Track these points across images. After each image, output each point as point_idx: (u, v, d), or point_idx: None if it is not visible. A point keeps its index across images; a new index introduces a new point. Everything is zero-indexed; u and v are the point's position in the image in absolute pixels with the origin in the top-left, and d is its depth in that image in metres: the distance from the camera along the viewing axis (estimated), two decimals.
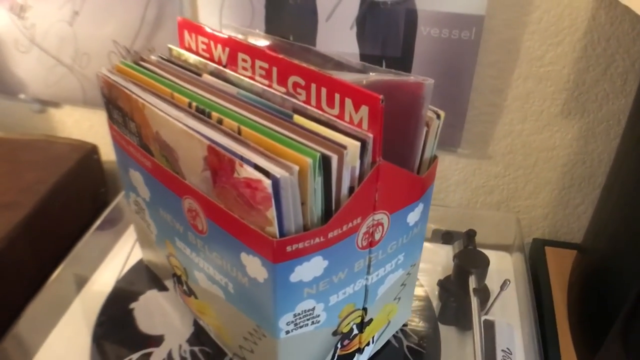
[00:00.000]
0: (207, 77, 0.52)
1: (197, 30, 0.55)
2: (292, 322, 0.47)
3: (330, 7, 0.76)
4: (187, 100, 0.48)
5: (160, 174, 0.52)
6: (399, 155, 0.49)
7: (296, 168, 0.40)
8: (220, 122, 0.46)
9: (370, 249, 0.49)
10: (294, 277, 0.44)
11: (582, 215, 0.85)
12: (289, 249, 0.42)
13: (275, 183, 0.39)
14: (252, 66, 0.51)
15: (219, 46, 0.53)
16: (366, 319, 0.54)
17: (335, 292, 0.48)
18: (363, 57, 0.78)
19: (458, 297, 0.68)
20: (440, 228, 0.81)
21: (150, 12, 0.80)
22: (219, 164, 0.43)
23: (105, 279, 0.72)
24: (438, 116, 0.49)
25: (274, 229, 0.41)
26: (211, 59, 0.55)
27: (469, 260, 0.69)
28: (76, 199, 0.83)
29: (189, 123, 0.46)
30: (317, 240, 0.43)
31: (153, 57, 0.57)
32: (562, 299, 0.77)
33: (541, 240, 0.85)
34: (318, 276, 0.46)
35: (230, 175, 0.42)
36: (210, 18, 0.80)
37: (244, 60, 0.51)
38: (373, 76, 0.48)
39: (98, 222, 0.77)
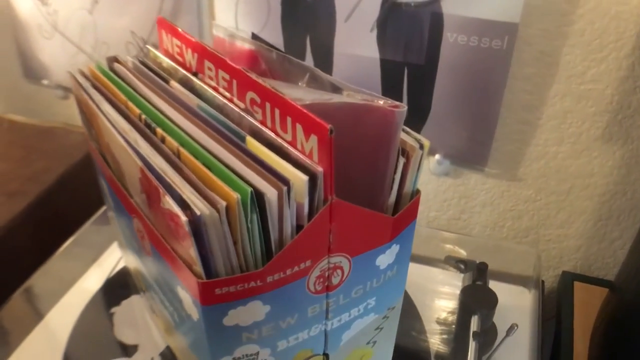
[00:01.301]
0: (174, 85, 0.48)
1: (172, 31, 0.51)
2: None
3: (349, 7, 0.71)
4: (138, 111, 0.45)
5: (114, 187, 0.49)
6: (368, 190, 0.43)
7: (223, 204, 0.36)
8: (163, 140, 0.42)
9: (328, 293, 0.44)
10: (228, 321, 0.40)
11: (618, 250, 0.76)
12: (217, 291, 0.38)
13: (195, 221, 0.35)
14: (216, 76, 0.46)
15: (189, 51, 0.49)
16: None
17: (284, 337, 0.44)
18: (383, 62, 0.72)
19: (459, 338, 0.62)
20: (455, 255, 0.74)
21: (167, 4, 0.77)
22: (149, 189, 0.39)
23: (95, 277, 0.71)
24: (421, 146, 0.43)
25: (199, 269, 0.37)
26: (183, 64, 0.51)
27: (475, 297, 0.62)
28: (83, 191, 0.82)
29: (132, 138, 0.42)
30: (252, 284, 0.39)
31: (130, 59, 0.53)
32: (584, 344, 0.69)
33: (571, 274, 0.77)
34: (259, 321, 0.41)
35: (158, 203, 0.38)
36: (226, 12, 0.76)
37: (209, 69, 0.47)
38: (342, 97, 0.42)
39: (96, 216, 0.76)
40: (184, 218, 0.35)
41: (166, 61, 0.51)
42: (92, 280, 0.71)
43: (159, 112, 0.45)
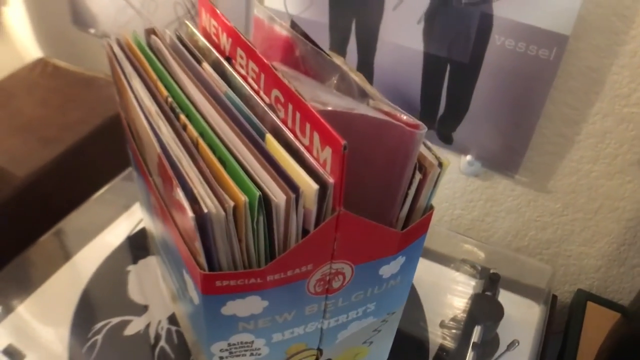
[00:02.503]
0: (206, 67, 0.48)
1: (211, 11, 0.51)
2: (227, 350, 0.45)
3: None
4: (166, 93, 0.45)
5: (137, 159, 0.50)
6: (379, 201, 0.43)
7: (231, 204, 0.36)
8: (184, 127, 0.42)
9: (327, 295, 0.44)
10: (226, 310, 0.41)
11: (637, 277, 0.75)
12: (218, 283, 0.39)
13: (202, 217, 0.36)
14: (247, 65, 0.46)
15: (225, 34, 0.49)
16: (322, 359, 0.50)
17: (279, 330, 0.45)
18: (427, 55, 0.71)
19: (460, 344, 0.62)
20: (470, 260, 0.74)
21: None
22: (164, 175, 0.40)
23: (116, 233, 0.73)
24: (440, 164, 0.43)
25: (202, 260, 0.38)
26: (217, 46, 0.51)
27: (482, 308, 0.62)
28: (116, 145, 0.84)
29: (155, 122, 0.43)
30: (252, 280, 0.40)
31: (167, 33, 0.54)
32: None
33: (586, 293, 0.76)
34: (257, 314, 0.42)
35: (171, 191, 0.39)
36: None
37: (241, 57, 0.47)
38: (366, 108, 0.42)
39: (127, 172, 0.78)
40: (191, 214, 0.35)
41: (202, 40, 0.51)
42: (114, 235, 0.73)
43: (186, 96, 0.45)
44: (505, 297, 0.68)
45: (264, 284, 0.40)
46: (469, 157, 0.75)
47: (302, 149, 0.39)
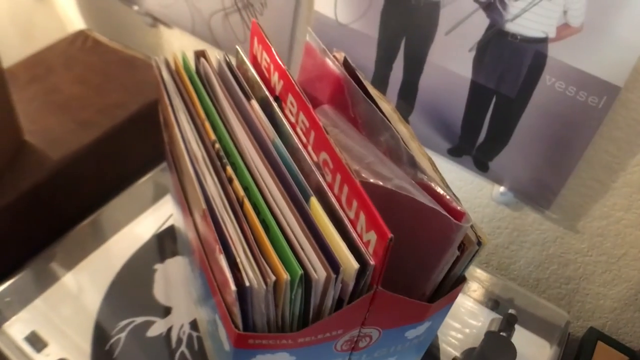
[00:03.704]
0: (254, 107, 0.48)
1: (264, 45, 0.50)
2: None
3: (454, 21, 0.67)
4: (213, 137, 0.45)
5: (177, 190, 0.50)
6: (414, 276, 0.44)
7: (272, 279, 0.37)
8: (230, 180, 0.42)
9: (352, 352, 0.45)
10: None
11: None
12: (251, 341, 0.40)
13: (243, 289, 0.37)
14: (297, 114, 0.46)
15: (277, 74, 0.49)
16: None
17: None
18: (474, 84, 0.70)
19: None
20: (491, 295, 0.74)
21: None
22: (208, 233, 0.40)
23: (144, 227, 0.74)
24: (479, 243, 0.43)
25: (239, 321, 0.39)
26: (267, 81, 0.50)
27: (495, 349, 0.63)
28: (152, 131, 0.84)
29: (201, 170, 0.43)
30: (284, 341, 0.41)
31: (217, 57, 0.53)
32: None
33: (597, 332, 0.77)
34: None
35: (213, 250, 0.40)
36: None
37: (292, 104, 0.46)
38: (411, 185, 0.42)
39: (160, 167, 0.78)
40: (233, 287, 0.36)
41: (252, 71, 0.51)
42: (142, 229, 0.74)
43: (233, 142, 0.45)
44: (519, 332, 0.69)
45: (294, 344, 0.41)
46: (502, 189, 0.75)
47: (346, 221, 0.40)
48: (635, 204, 0.68)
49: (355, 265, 0.37)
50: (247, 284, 0.36)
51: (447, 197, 0.40)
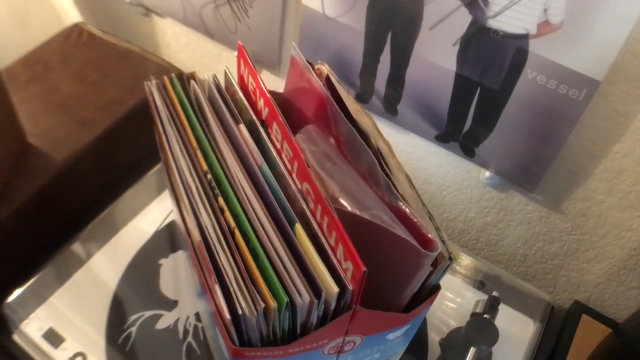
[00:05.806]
0: (242, 131, 0.51)
1: (249, 69, 0.53)
2: None
3: (437, 17, 0.69)
4: (205, 167, 0.48)
5: (177, 204, 0.53)
6: (389, 291, 0.47)
7: (262, 306, 0.41)
8: (222, 211, 0.46)
9: (339, 354, 0.50)
10: None
11: (633, 298, 0.79)
12: (247, 354, 0.44)
13: (236, 317, 0.41)
14: (282, 142, 0.49)
15: (262, 100, 0.51)
16: None
17: None
18: (459, 77, 0.72)
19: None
20: (476, 276, 0.78)
21: None
22: (204, 262, 0.44)
23: (148, 223, 0.78)
24: (450, 258, 0.46)
25: (234, 337, 0.43)
26: (254, 105, 0.53)
27: (477, 331, 0.68)
28: (151, 124, 0.87)
29: (195, 199, 0.46)
30: (276, 352, 0.45)
31: (207, 79, 0.55)
32: None
33: (582, 305, 0.81)
34: None
35: (210, 278, 0.43)
36: None
37: (277, 132, 0.49)
38: (385, 214, 0.45)
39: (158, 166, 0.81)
40: (228, 316, 0.40)
41: (239, 94, 0.53)
42: (145, 225, 0.78)
43: (223, 170, 0.48)
44: (503, 310, 0.73)
45: (285, 354, 0.45)
46: (487, 174, 0.78)
47: (327, 247, 0.43)
48: (616, 188, 0.71)
49: (335, 289, 0.41)
50: (240, 312, 0.40)
51: (418, 221, 0.43)
